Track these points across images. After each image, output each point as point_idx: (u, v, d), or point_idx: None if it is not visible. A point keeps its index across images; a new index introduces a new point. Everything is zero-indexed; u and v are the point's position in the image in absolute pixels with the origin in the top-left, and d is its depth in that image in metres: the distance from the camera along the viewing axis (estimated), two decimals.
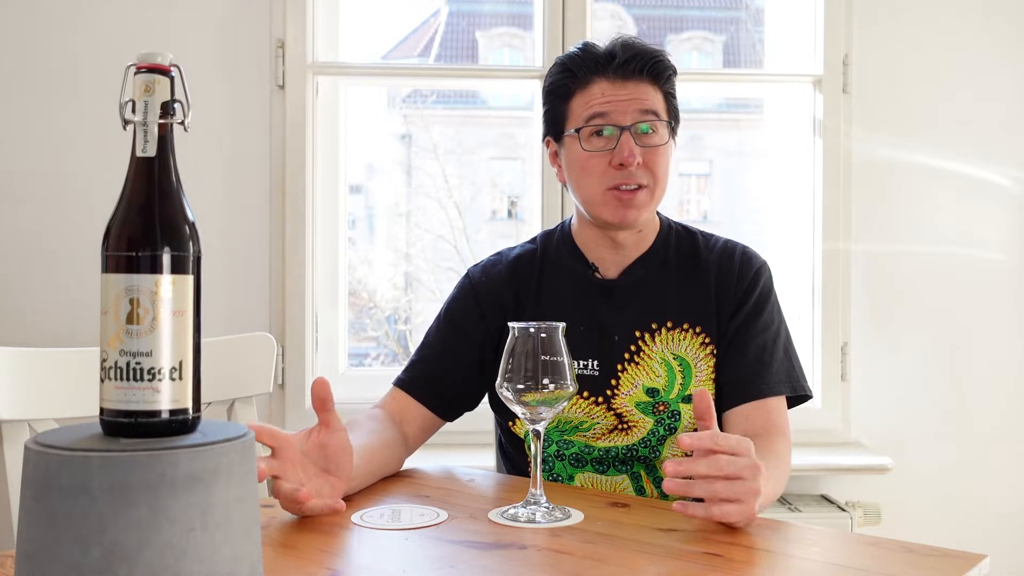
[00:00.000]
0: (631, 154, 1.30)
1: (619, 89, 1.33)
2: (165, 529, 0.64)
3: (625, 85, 1.33)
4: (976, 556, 0.95)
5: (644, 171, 1.32)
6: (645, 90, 1.33)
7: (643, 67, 1.33)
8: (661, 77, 1.35)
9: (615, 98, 1.32)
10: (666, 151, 1.34)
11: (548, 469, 1.40)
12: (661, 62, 1.35)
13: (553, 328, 1.07)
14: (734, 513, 1.00)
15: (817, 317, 2.34)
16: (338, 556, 0.96)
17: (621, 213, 1.33)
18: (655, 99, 1.34)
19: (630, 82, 1.33)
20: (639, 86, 1.33)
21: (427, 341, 1.44)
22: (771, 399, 1.34)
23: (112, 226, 0.71)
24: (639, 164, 1.31)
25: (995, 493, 2.37)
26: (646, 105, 1.32)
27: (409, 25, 3.11)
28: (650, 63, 1.33)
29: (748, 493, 1.00)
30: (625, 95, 1.32)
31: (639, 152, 1.31)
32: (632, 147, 1.30)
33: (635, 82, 1.33)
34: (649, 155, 1.32)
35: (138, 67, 0.72)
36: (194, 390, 0.72)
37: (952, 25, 2.36)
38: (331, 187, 2.34)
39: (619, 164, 1.30)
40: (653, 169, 1.32)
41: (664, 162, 1.34)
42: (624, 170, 1.31)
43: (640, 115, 1.32)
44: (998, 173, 2.37)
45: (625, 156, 1.30)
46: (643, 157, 1.31)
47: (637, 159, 1.30)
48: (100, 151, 2.19)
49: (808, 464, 2.16)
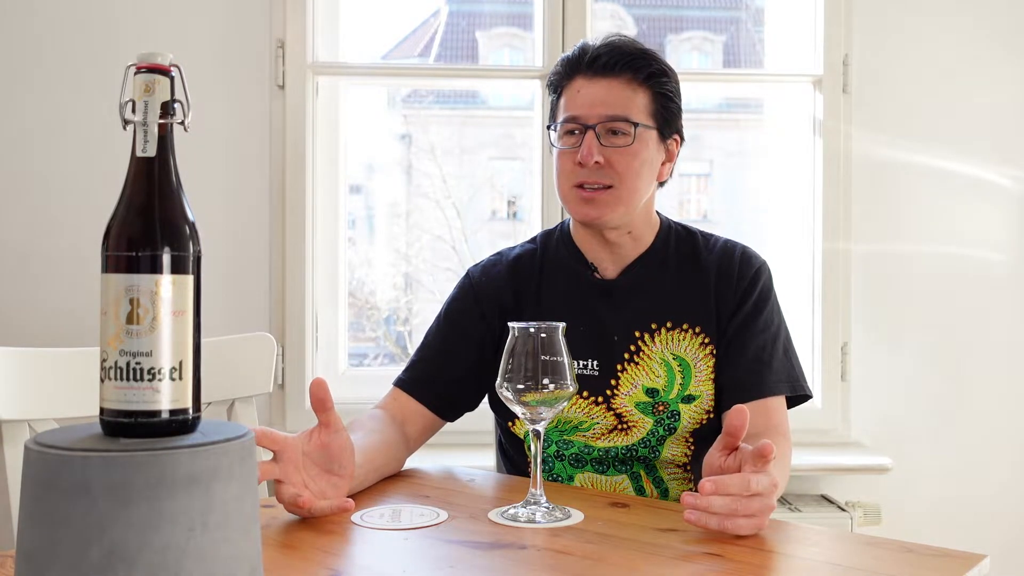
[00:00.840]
0: (588, 153, 1.30)
1: (592, 86, 1.33)
2: (165, 529, 0.64)
3: (598, 82, 1.33)
4: (976, 556, 0.95)
5: (609, 171, 1.32)
6: (619, 89, 1.32)
7: (615, 64, 1.32)
8: (641, 75, 1.33)
9: (586, 96, 1.33)
10: (635, 152, 1.32)
11: (548, 469, 1.40)
12: (638, 60, 1.33)
13: (553, 328, 1.07)
14: (746, 527, 1.00)
15: (817, 317, 2.34)
16: (338, 556, 0.96)
17: (583, 211, 1.34)
18: (632, 99, 1.32)
19: (604, 79, 1.32)
20: (613, 84, 1.32)
21: (427, 341, 1.44)
22: (771, 399, 1.34)
23: (112, 226, 0.71)
24: (601, 164, 1.31)
25: (995, 493, 2.37)
26: (614, 106, 1.31)
27: (409, 25, 3.11)
28: (624, 60, 1.32)
29: (764, 510, 1.00)
30: (595, 94, 1.32)
31: (598, 151, 1.30)
32: (592, 146, 1.30)
33: (609, 80, 1.32)
34: (614, 155, 1.31)
35: (138, 67, 0.72)
36: (194, 390, 0.72)
37: (952, 25, 2.36)
38: (331, 187, 2.34)
39: (578, 162, 1.31)
40: (618, 169, 1.32)
41: (630, 163, 1.32)
42: (585, 169, 1.31)
43: (605, 116, 1.31)
44: (998, 173, 2.37)
45: (584, 155, 1.30)
46: (608, 157, 1.31)
47: (595, 158, 1.30)
48: (100, 151, 2.19)
49: (808, 464, 2.16)
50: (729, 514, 0.99)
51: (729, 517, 0.99)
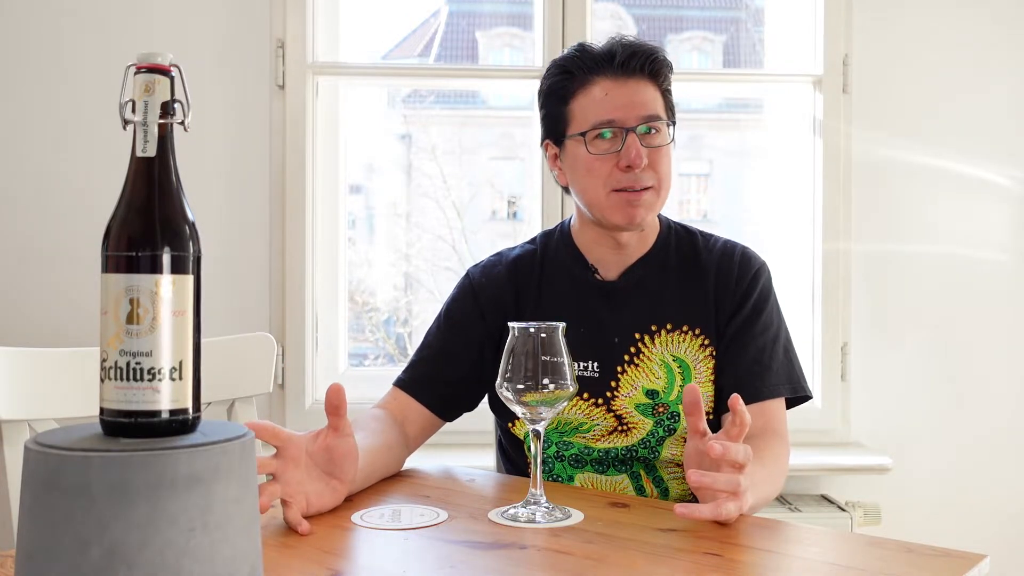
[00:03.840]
0: (638, 156, 1.29)
1: (621, 87, 1.32)
2: (165, 529, 0.64)
3: (627, 83, 1.33)
4: (976, 556, 0.95)
5: (649, 172, 1.32)
6: (646, 89, 1.33)
7: (643, 64, 1.33)
8: (659, 75, 1.35)
9: (619, 98, 1.32)
10: (669, 151, 1.35)
11: (548, 470, 1.40)
12: (660, 59, 1.35)
13: (553, 328, 1.07)
14: (734, 510, 1.01)
15: (817, 317, 2.34)
16: (338, 556, 0.96)
17: (629, 214, 1.32)
18: (655, 98, 1.34)
19: (631, 80, 1.33)
20: (640, 84, 1.33)
21: (427, 341, 1.44)
22: (770, 401, 1.34)
23: (112, 226, 0.71)
24: (645, 166, 1.31)
25: (995, 493, 2.37)
26: (649, 106, 1.32)
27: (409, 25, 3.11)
28: (650, 60, 1.33)
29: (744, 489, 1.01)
30: (628, 95, 1.32)
31: (645, 153, 1.31)
32: (639, 149, 1.30)
33: (636, 80, 1.33)
34: (654, 155, 1.32)
35: (138, 67, 0.72)
36: (194, 390, 0.72)
37: (952, 25, 2.36)
38: (331, 187, 2.34)
39: (626, 166, 1.30)
40: (657, 169, 1.32)
41: (668, 162, 1.34)
42: (631, 172, 1.30)
43: (644, 117, 1.32)
44: (998, 173, 2.37)
45: (632, 158, 1.29)
46: (648, 158, 1.31)
47: (644, 161, 1.30)
48: (100, 151, 2.19)
49: (808, 464, 2.16)
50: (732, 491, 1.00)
51: (721, 503, 1.00)
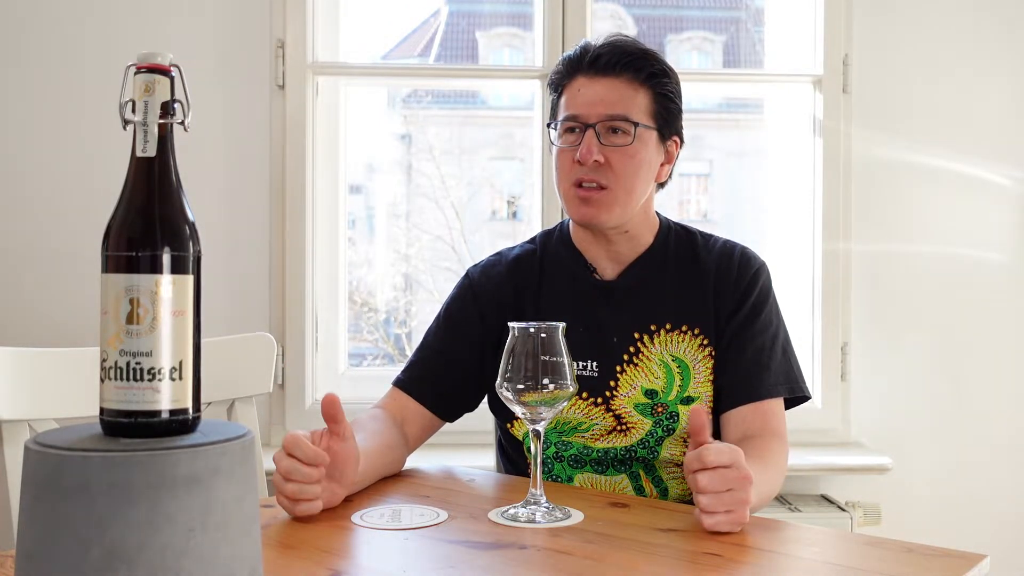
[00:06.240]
0: (588, 151, 1.30)
1: (593, 85, 1.33)
2: (165, 529, 0.64)
3: (599, 81, 1.32)
4: (976, 556, 0.95)
5: (607, 171, 1.31)
6: (619, 88, 1.32)
7: (616, 63, 1.32)
8: (642, 75, 1.33)
9: (588, 95, 1.32)
10: (636, 153, 1.32)
11: (547, 471, 1.40)
12: (639, 59, 1.33)
13: (553, 328, 1.07)
14: (724, 524, 1.01)
15: (817, 317, 2.34)
16: (338, 556, 0.96)
17: (581, 210, 1.33)
18: (633, 99, 1.32)
19: (605, 78, 1.32)
20: (614, 83, 1.32)
21: (426, 341, 1.44)
22: (768, 401, 1.34)
23: (112, 226, 0.71)
24: (600, 163, 1.30)
25: (995, 493, 2.37)
26: (615, 105, 1.31)
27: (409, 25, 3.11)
28: (626, 59, 1.32)
29: (738, 503, 1.01)
30: (597, 92, 1.32)
31: (598, 150, 1.30)
32: (591, 145, 1.30)
33: (610, 79, 1.32)
34: (613, 155, 1.31)
35: (138, 67, 0.72)
36: (194, 390, 0.72)
37: (952, 25, 2.36)
38: (331, 187, 2.34)
39: (577, 161, 1.31)
40: (616, 169, 1.31)
41: (632, 164, 1.32)
42: (584, 167, 1.31)
43: (606, 115, 1.31)
44: (998, 173, 2.37)
45: (583, 153, 1.30)
46: (607, 156, 1.31)
47: (594, 157, 1.30)
48: (100, 151, 2.19)
49: (808, 464, 2.16)
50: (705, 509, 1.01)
51: (707, 514, 1.01)
